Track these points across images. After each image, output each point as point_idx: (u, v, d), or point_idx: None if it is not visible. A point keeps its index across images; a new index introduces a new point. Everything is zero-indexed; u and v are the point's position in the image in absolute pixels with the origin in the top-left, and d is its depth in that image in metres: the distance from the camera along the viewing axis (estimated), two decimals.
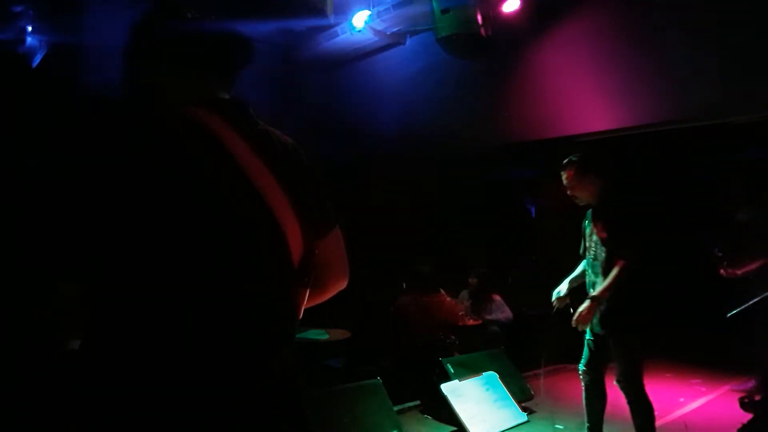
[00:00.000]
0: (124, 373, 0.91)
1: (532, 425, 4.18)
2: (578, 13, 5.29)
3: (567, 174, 3.35)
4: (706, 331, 5.83)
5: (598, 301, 3.12)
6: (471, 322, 5.55)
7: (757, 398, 4.27)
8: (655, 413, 3.15)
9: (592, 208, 3.37)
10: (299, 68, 6.55)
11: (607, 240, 3.20)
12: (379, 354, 5.19)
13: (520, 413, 4.21)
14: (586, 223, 3.41)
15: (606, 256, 3.18)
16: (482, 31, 4.88)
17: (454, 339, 5.28)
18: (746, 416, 3.90)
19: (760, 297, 3.94)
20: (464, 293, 6.08)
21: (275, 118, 1.17)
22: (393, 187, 6.94)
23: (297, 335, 1.11)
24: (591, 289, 3.26)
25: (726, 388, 5.26)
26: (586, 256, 3.37)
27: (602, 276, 3.18)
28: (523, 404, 4.44)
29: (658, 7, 4.82)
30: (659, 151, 6.97)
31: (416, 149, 6.66)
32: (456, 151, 6.57)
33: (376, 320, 5.47)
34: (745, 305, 4.05)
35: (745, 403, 4.16)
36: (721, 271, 4.68)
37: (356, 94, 6.66)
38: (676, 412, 4.52)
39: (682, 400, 4.92)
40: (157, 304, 0.92)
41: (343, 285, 1.25)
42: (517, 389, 4.53)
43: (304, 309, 1.14)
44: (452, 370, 4.29)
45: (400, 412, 4.22)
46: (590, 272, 3.31)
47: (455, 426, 3.94)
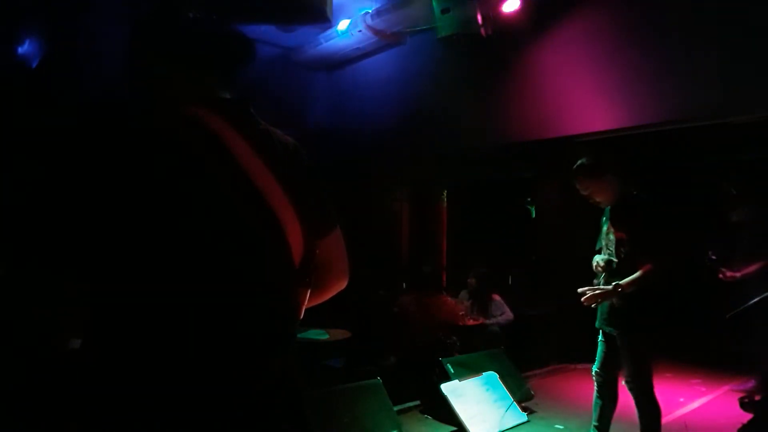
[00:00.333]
0: (124, 373, 0.91)
1: (532, 425, 4.18)
2: (578, 13, 5.29)
3: (582, 178, 3.22)
4: (705, 332, 5.85)
5: (618, 291, 3.02)
6: (471, 322, 5.55)
7: (757, 398, 4.27)
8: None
9: (611, 207, 3.25)
10: (299, 68, 6.55)
11: (628, 241, 3.09)
12: (379, 354, 5.19)
13: (520, 413, 4.21)
14: (604, 220, 3.31)
15: (625, 258, 3.08)
16: (482, 31, 4.89)
17: (455, 340, 5.28)
18: (746, 416, 3.90)
19: (760, 297, 3.93)
20: (464, 293, 6.08)
21: (275, 118, 1.17)
22: (393, 187, 6.94)
23: (297, 335, 1.11)
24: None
25: (726, 388, 5.26)
26: (601, 253, 3.27)
27: (618, 277, 3.08)
28: (523, 404, 4.43)
29: (658, 7, 4.82)
30: (659, 151, 6.98)
31: (416, 149, 6.67)
32: (456, 151, 6.57)
33: (376, 320, 5.47)
34: (745, 306, 4.05)
35: (745, 403, 4.16)
36: (720, 275, 4.67)
37: (356, 94, 6.67)
38: (676, 412, 4.52)
39: (682, 400, 4.92)
40: (157, 303, 0.92)
41: (343, 285, 1.25)
42: (517, 389, 4.53)
43: (304, 309, 1.14)
44: (452, 370, 4.28)
45: (400, 412, 4.21)
46: (606, 272, 3.21)
47: (455, 426, 3.93)
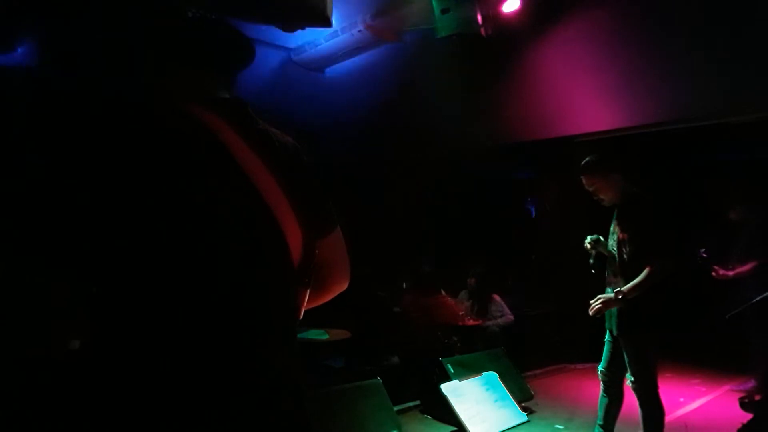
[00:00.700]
0: (124, 373, 0.91)
1: (532, 425, 4.18)
2: (578, 13, 5.29)
3: (589, 175, 3.18)
4: (705, 332, 5.85)
5: (620, 299, 2.98)
6: (471, 322, 5.55)
7: (757, 398, 4.28)
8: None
9: (617, 207, 3.21)
10: (298, 68, 6.55)
11: (632, 241, 3.05)
12: (379, 354, 5.20)
13: (520, 413, 4.21)
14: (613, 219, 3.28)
15: (628, 258, 3.05)
16: (482, 31, 4.89)
17: (455, 339, 5.29)
18: (746, 416, 3.91)
19: (760, 297, 3.93)
20: (464, 293, 6.08)
21: (274, 118, 1.17)
22: (393, 187, 6.94)
23: (297, 335, 1.11)
24: (608, 289, 3.17)
25: (726, 388, 5.26)
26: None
27: (621, 277, 3.07)
28: (523, 404, 4.44)
29: (658, 7, 4.82)
30: (658, 150, 6.98)
31: (416, 149, 6.67)
32: (456, 150, 6.57)
33: (376, 320, 5.47)
34: (744, 306, 4.05)
35: (745, 403, 4.16)
36: (713, 273, 4.69)
37: (356, 94, 6.66)
38: (676, 412, 4.52)
39: (682, 400, 4.92)
40: (156, 303, 0.92)
41: (344, 286, 1.25)
42: (517, 389, 4.53)
43: (305, 310, 1.14)
44: (452, 370, 4.29)
45: (400, 412, 4.22)
46: (609, 271, 3.22)
47: (455, 426, 3.93)
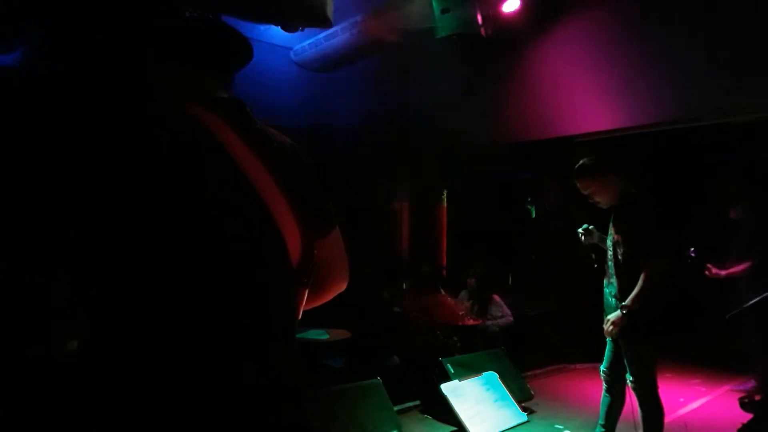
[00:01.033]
0: (123, 374, 0.91)
1: (532, 425, 4.18)
2: (578, 13, 5.29)
3: (583, 178, 3.18)
4: (705, 332, 5.85)
5: (625, 313, 2.99)
6: (471, 322, 5.55)
7: (757, 398, 4.27)
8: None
9: (614, 209, 3.21)
10: (298, 68, 6.54)
11: (628, 242, 3.05)
12: (380, 354, 5.19)
13: (520, 413, 4.20)
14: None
15: (623, 259, 3.06)
16: (482, 31, 4.89)
17: (455, 339, 5.28)
18: (746, 416, 3.90)
19: (760, 297, 3.93)
20: (464, 293, 6.08)
21: (273, 118, 1.17)
22: (393, 187, 6.94)
23: (297, 335, 1.11)
24: (606, 289, 3.20)
25: (726, 388, 5.26)
26: (609, 254, 3.24)
27: (616, 278, 3.09)
28: (523, 404, 4.43)
29: (658, 7, 4.83)
30: (658, 150, 6.98)
31: (416, 149, 6.67)
32: (456, 151, 6.57)
33: (376, 320, 5.47)
34: (744, 306, 4.05)
35: (745, 403, 4.16)
36: (706, 272, 4.69)
37: (355, 95, 6.66)
38: (676, 412, 4.52)
39: (682, 400, 4.92)
40: (155, 303, 0.92)
41: (343, 286, 1.25)
42: (517, 389, 4.53)
43: (305, 310, 1.14)
44: (452, 370, 4.28)
45: (400, 412, 4.21)
46: (608, 272, 3.22)
47: (455, 426, 3.93)
